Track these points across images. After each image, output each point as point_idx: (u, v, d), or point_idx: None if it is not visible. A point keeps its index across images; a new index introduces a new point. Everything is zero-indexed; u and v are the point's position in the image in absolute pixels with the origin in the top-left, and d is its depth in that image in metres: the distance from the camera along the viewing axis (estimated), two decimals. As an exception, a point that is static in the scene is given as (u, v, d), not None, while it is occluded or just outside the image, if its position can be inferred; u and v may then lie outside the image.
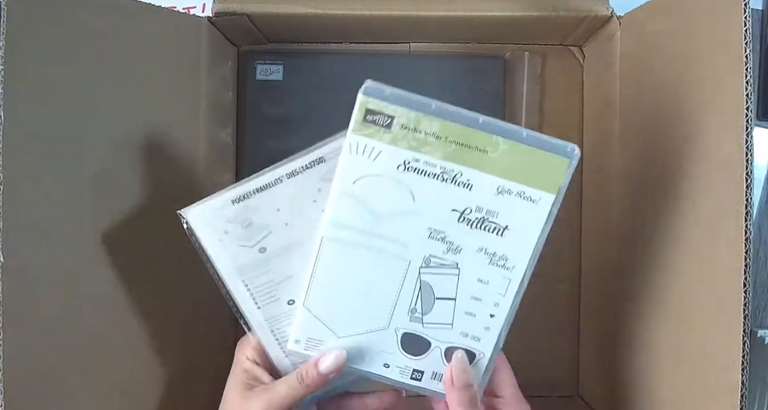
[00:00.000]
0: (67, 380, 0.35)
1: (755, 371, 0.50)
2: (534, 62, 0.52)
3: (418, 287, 0.35)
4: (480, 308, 0.35)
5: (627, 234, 0.44)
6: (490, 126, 0.32)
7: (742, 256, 0.29)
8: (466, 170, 0.33)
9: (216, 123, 0.48)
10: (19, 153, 0.31)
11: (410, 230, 0.34)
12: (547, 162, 0.33)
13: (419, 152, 0.32)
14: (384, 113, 0.32)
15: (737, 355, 0.29)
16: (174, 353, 0.44)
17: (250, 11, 0.44)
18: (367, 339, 0.35)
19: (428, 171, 0.33)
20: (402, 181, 0.33)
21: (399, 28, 0.48)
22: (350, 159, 0.33)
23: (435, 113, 0.32)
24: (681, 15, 0.36)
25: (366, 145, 0.33)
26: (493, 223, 0.33)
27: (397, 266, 0.34)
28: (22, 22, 0.31)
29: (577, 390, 0.54)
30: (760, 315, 0.55)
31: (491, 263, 0.34)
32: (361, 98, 0.32)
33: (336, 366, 0.34)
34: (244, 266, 0.36)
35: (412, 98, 0.32)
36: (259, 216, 0.36)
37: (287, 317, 0.36)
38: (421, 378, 0.36)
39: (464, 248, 0.34)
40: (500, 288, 0.34)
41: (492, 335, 0.35)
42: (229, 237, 0.35)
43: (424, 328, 0.35)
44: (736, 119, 0.29)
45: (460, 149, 0.32)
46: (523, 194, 0.33)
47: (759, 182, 0.55)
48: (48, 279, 0.34)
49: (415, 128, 0.32)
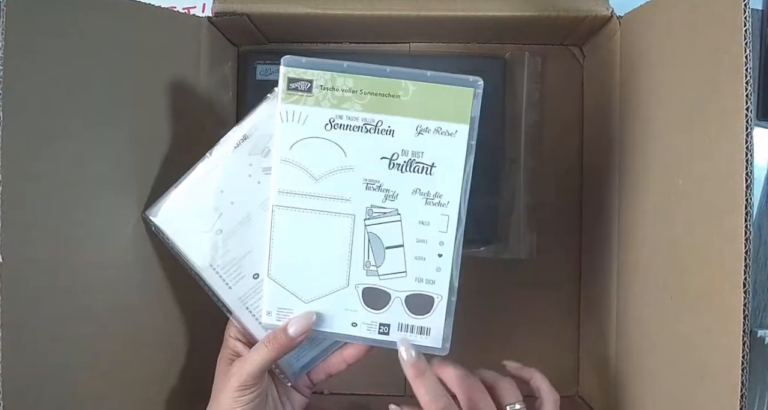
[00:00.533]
0: (68, 382, 0.35)
1: (755, 371, 0.50)
2: (534, 62, 0.52)
3: (367, 239, 0.36)
4: (427, 250, 0.36)
5: (626, 234, 0.44)
6: (397, 73, 0.35)
7: (742, 256, 0.29)
8: (385, 117, 0.35)
9: (216, 123, 0.48)
10: (18, 154, 0.31)
11: (348, 185, 0.36)
12: (454, 95, 0.35)
13: (340, 108, 0.35)
14: (303, 78, 0.35)
15: (737, 355, 0.29)
16: (178, 351, 0.44)
17: (250, 11, 0.44)
18: (332, 300, 0.37)
19: (352, 125, 0.35)
20: (331, 139, 0.35)
21: (399, 28, 0.48)
22: (283, 127, 0.35)
23: (347, 71, 0.35)
24: (681, 15, 0.36)
25: (294, 111, 0.35)
26: (421, 163, 0.35)
27: (343, 222, 0.36)
28: (22, 22, 0.31)
29: (577, 390, 0.54)
30: (760, 315, 0.55)
31: (427, 202, 0.36)
32: (282, 69, 0.35)
33: (303, 328, 0.36)
34: (209, 251, 0.38)
35: (326, 61, 0.35)
36: (208, 201, 0.38)
37: (256, 291, 0.39)
38: (389, 331, 0.37)
39: (400, 193, 0.36)
40: (442, 226, 0.36)
41: (444, 275, 0.36)
42: (190, 227, 0.38)
43: (380, 280, 0.36)
44: (736, 119, 0.29)
45: (376, 99, 0.35)
46: (440, 129, 0.35)
47: (759, 182, 0.55)
48: (48, 279, 0.34)
49: (333, 86, 0.35)
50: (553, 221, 0.53)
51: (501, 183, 0.51)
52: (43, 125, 0.33)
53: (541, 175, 0.52)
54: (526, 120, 0.52)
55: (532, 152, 0.52)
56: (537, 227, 0.52)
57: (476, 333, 0.53)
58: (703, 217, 0.33)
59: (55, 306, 0.34)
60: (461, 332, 0.41)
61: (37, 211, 0.33)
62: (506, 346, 0.53)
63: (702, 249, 0.34)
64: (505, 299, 0.53)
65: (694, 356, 0.34)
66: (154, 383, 0.42)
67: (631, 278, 0.43)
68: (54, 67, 0.34)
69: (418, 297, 0.37)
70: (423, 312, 0.37)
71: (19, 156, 0.31)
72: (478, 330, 0.53)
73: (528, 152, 0.52)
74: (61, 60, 0.34)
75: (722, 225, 0.31)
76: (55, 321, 0.34)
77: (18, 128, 0.31)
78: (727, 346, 0.30)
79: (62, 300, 0.34)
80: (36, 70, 0.33)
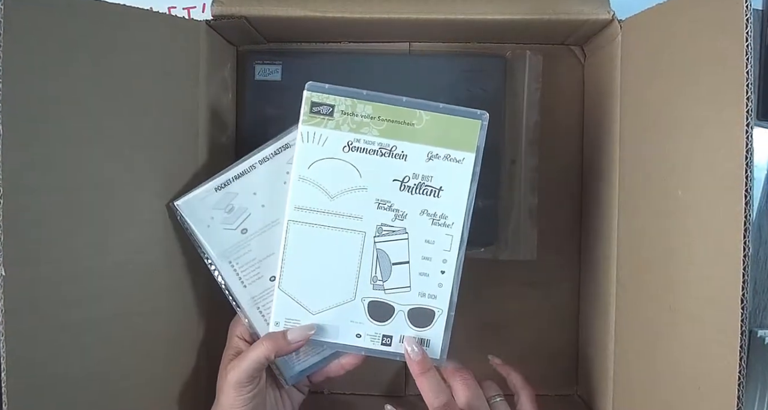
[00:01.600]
0: (72, 391, 0.35)
1: (755, 371, 0.50)
2: (535, 61, 0.52)
3: (376, 256, 0.38)
4: (431, 267, 0.39)
5: (626, 234, 0.44)
6: (413, 103, 0.38)
7: (741, 256, 0.29)
8: (400, 142, 0.38)
9: (216, 127, 0.48)
10: (18, 164, 0.31)
11: (361, 204, 0.38)
12: (463, 126, 0.38)
13: (359, 132, 0.38)
14: (326, 102, 0.38)
15: (736, 355, 0.29)
16: (185, 355, 0.44)
17: (248, 14, 0.44)
18: (338, 313, 0.39)
19: (368, 148, 0.38)
20: (348, 160, 0.38)
21: (398, 29, 0.48)
22: (303, 147, 0.38)
23: (367, 98, 0.38)
24: (682, 18, 0.36)
25: (315, 133, 0.38)
26: (429, 186, 0.38)
27: (354, 239, 0.38)
28: (20, 30, 0.31)
29: (576, 390, 0.54)
30: (760, 315, 0.55)
31: (434, 223, 0.38)
32: (306, 94, 0.38)
33: (301, 337, 0.38)
34: (230, 248, 0.40)
35: (347, 89, 0.38)
36: (239, 200, 0.40)
37: (270, 293, 0.40)
38: (391, 342, 0.39)
39: (409, 213, 0.38)
40: (446, 245, 0.39)
41: (446, 290, 0.39)
42: (215, 222, 0.40)
43: (386, 294, 0.39)
44: (736, 119, 0.29)
45: (392, 126, 0.38)
46: (449, 156, 0.38)
47: (759, 182, 0.55)
48: (50, 289, 0.34)
49: (353, 112, 0.38)
50: (553, 221, 0.53)
51: (501, 183, 0.51)
52: (43, 134, 0.33)
53: (541, 175, 0.52)
54: (527, 120, 0.52)
55: (532, 152, 0.52)
56: (537, 227, 0.52)
57: (476, 332, 0.53)
58: (702, 217, 0.33)
59: (58, 316, 0.34)
60: (461, 332, 0.41)
61: (38, 222, 0.33)
62: (505, 346, 0.53)
63: (702, 249, 0.34)
64: (505, 299, 0.53)
65: (694, 355, 0.34)
66: (158, 390, 0.42)
67: (630, 277, 0.43)
68: (53, 74, 0.34)
69: (420, 311, 0.39)
70: (424, 324, 0.39)
71: (19, 165, 0.31)
72: (478, 330, 0.53)
73: (528, 152, 0.52)
74: (60, 67, 0.34)
75: (722, 225, 0.31)
76: (58, 331, 0.34)
77: (17, 138, 0.31)
78: (727, 346, 0.30)
79: (65, 309, 0.34)
80: (35, 79, 0.33)
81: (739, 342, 0.29)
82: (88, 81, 0.36)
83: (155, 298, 0.41)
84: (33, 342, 0.32)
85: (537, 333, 0.53)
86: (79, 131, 0.35)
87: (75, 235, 0.35)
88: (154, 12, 0.41)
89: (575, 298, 0.54)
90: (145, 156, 0.40)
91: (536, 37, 0.50)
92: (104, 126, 0.37)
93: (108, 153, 0.37)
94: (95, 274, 0.36)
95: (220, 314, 0.44)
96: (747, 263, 0.29)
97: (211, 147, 0.47)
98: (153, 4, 0.45)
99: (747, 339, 0.29)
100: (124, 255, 0.38)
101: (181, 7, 0.54)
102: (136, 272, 0.39)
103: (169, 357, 0.43)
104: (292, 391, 0.43)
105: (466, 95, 0.51)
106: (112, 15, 0.37)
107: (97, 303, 0.36)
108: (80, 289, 0.35)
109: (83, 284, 0.36)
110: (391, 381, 0.53)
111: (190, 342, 0.45)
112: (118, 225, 0.38)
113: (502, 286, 0.53)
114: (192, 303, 0.45)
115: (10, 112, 0.31)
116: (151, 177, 0.41)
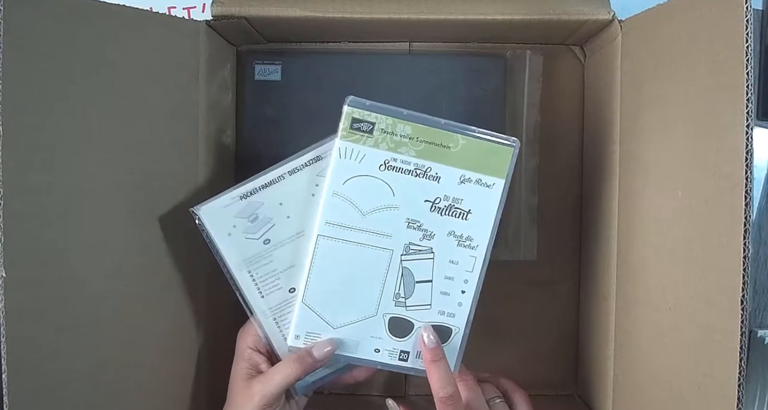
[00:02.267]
0: (72, 393, 0.35)
1: (755, 371, 0.50)
2: (535, 61, 0.52)
3: (401, 273, 0.39)
4: (453, 286, 0.39)
5: (626, 234, 0.44)
6: (450, 126, 0.38)
7: (741, 256, 0.29)
8: (435, 164, 0.38)
9: (216, 127, 0.48)
10: (18, 166, 0.31)
11: (392, 223, 0.38)
12: (496, 152, 0.39)
13: (396, 152, 0.38)
14: (367, 120, 0.38)
15: (736, 355, 0.29)
16: (185, 355, 0.44)
17: (248, 14, 0.44)
18: (359, 327, 0.39)
19: (404, 168, 0.38)
20: (383, 179, 0.38)
21: (399, 29, 0.48)
22: (339, 163, 0.38)
23: (407, 118, 0.38)
24: (683, 18, 0.36)
25: (353, 149, 0.38)
26: (459, 209, 0.39)
27: (382, 256, 0.39)
28: (20, 30, 0.31)
29: (576, 389, 0.54)
30: (760, 315, 0.55)
31: (459, 244, 0.39)
32: (347, 110, 0.37)
33: (329, 353, 0.38)
34: (251, 258, 0.39)
35: (387, 107, 0.38)
36: (264, 210, 0.39)
37: (289, 304, 0.40)
38: (408, 358, 0.39)
39: (437, 234, 0.39)
40: (468, 266, 0.39)
41: (464, 310, 0.40)
42: (237, 231, 0.39)
43: (407, 311, 0.39)
44: (736, 119, 0.29)
45: (429, 147, 0.38)
46: (480, 181, 0.39)
47: (759, 182, 0.55)
48: (49, 290, 0.34)
49: (392, 131, 0.38)
50: (553, 221, 0.53)
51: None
52: (43, 134, 0.33)
53: (541, 175, 0.52)
54: (527, 120, 0.52)
55: (532, 152, 0.52)
56: (537, 227, 0.52)
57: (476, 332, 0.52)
58: (702, 216, 0.33)
59: (58, 316, 0.34)
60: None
61: (38, 223, 0.33)
62: (505, 346, 0.53)
63: (702, 249, 0.34)
64: (505, 299, 0.53)
65: (693, 355, 0.34)
66: (158, 391, 0.42)
67: (630, 277, 0.43)
68: (53, 75, 0.34)
69: (438, 328, 0.39)
70: (441, 341, 0.39)
71: (19, 169, 0.31)
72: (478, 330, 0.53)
73: (528, 152, 0.52)
74: (60, 68, 0.34)
75: (722, 225, 0.31)
76: (58, 332, 0.34)
77: (17, 141, 0.31)
78: (727, 346, 0.30)
79: (65, 310, 0.34)
80: (35, 79, 0.33)
81: (739, 342, 0.29)
82: (88, 81, 0.36)
83: (154, 298, 0.41)
84: (33, 342, 0.32)
85: (537, 333, 0.53)
86: (79, 131, 0.35)
87: (75, 236, 0.35)
88: (153, 12, 0.41)
89: (575, 298, 0.54)
90: (145, 156, 0.40)
91: (536, 37, 0.51)
92: (104, 126, 0.37)
93: (108, 153, 0.37)
94: (95, 275, 0.36)
95: (220, 314, 0.44)
96: (747, 263, 0.29)
97: (211, 147, 0.47)
98: (153, 4, 0.45)
99: (747, 339, 0.29)
100: (123, 256, 0.38)
101: (181, 7, 0.54)
102: (136, 273, 0.39)
103: (169, 357, 0.43)
104: None
105: (466, 95, 0.51)
106: (111, 15, 0.37)
107: (97, 304, 0.36)
108: (80, 290, 0.35)
109: (83, 284, 0.36)
110: (392, 381, 0.53)
111: (190, 342, 0.45)
112: (118, 226, 0.38)
113: (502, 286, 0.53)
114: (192, 304, 0.45)
115: (10, 112, 0.31)
116: (151, 178, 0.41)
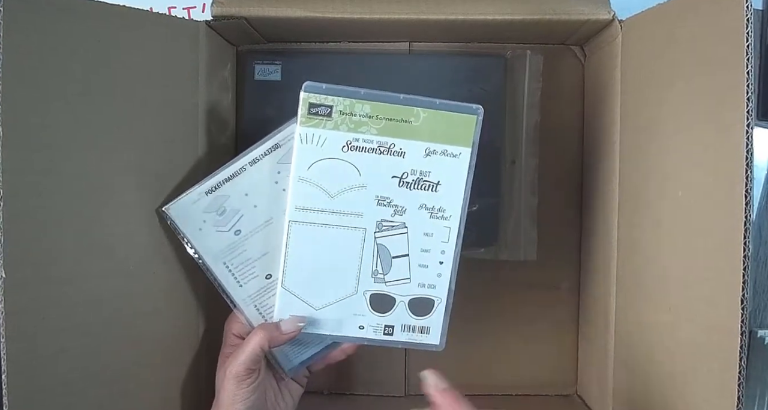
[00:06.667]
0: (73, 393, 0.35)
1: (755, 371, 0.50)
2: (535, 61, 0.52)
3: (376, 250, 0.39)
4: (430, 258, 0.40)
5: (626, 234, 0.44)
6: (410, 101, 0.38)
7: (741, 256, 0.29)
8: (398, 140, 0.38)
9: (215, 127, 0.48)
10: (18, 166, 0.31)
11: (361, 202, 0.39)
12: (459, 122, 0.38)
13: (357, 132, 0.38)
14: (324, 104, 0.37)
15: (736, 355, 0.29)
16: (185, 355, 0.44)
17: (248, 15, 0.44)
18: (341, 307, 0.40)
19: (367, 147, 0.38)
20: (347, 159, 0.38)
21: (399, 29, 0.48)
22: (302, 148, 0.38)
23: (365, 97, 0.38)
24: (683, 18, 0.36)
25: (313, 134, 0.38)
26: (427, 181, 0.39)
27: (355, 235, 0.39)
28: (20, 30, 0.31)
29: (576, 390, 0.54)
30: (760, 315, 0.55)
31: (432, 216, 0.39)
32: (302, 95, 0.37)
33: (293, 327, 0.39)
34: (224, 249, 0.40)
35: (344, 88, 0.37)
36: (231, 202, 0.40)
37: (267, 290, 0.41)
38: (393, 332, 0.40)
39: (408, 208, 0.39)
40: (443, 237, 0.40)
41: (444, 280, 0.40)
42: (207, 225, 0.40)
43: (387, 286, 0.40)
44: (736, 119, 0.29)
45: (390, 124, 0.38)
46: (446, 151, 0.39)
47: (759, 182, 0.55)
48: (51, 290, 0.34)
49: (351, 112, 0.38)
50: (553, 221, 0.53)
51: (501, 183, 0.51)
52: (43, 134, 0.33)
53: (541, 175, 0.52)
54: (527, 120, 0.52)
55: (532, 152, 0.52)
56: (537, 227, 0.52)
57: (476, 333, 0.53)
58: (703, 216, 0.33)
59: (58, 317, 0.34)
60: (461, 332, 0.41)
61: (38, 223, 0.33)
62: (505, 346, 0.53)
63: (702, 249, 0.34)
64: (505, 299, 0.53)
65: (693, 355, 0.34)
66: (158, 390, 0.42)
67: (630, 277, 0.43)
68: (53, 74, 0.34)
69: (420, 301, 0.40)
70: (424, 313, 0.40)
71: (19, 169, 0.31)
72: (478, 331, 0.53)
73: (528, 152, 0.52)
74: (60, 67, 0.34)
75: (722, 224, 0.31)
76: (59, 333, 0.34)
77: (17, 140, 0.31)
78: (727, 346, 0.30)
79: (64, 311, 0.34)
80: (35, 79, 0.33)
81: (739, 342, 0.29)
82: (88, 81, 0.36)
83: (155, 298, 0.41)
84: (33, 343, 0.32)
85: (537, 333, 0.53)
86: (79, 131, 0.35)
87: (75, 236, 0.35)
88: (153, 12, 0.41)
89: (575, 298, 0.54)
90: (144, 157, 0.40)
91: (536, 37, 0.51)
92: (104, 127, 0.37)
93: (108, 154, 0.37)
94: (95, 275, 0.36)
95: (219, 314, 0.44)
96: (747, 263, 0.29)
97: (211, 147, 0.47)
98: (153, 4, 0.45)
99: (747, 339, 0.29)
100: (123, 256, 0.38)
101: (181, 7, 0.54)
102: (136, 273, 0.39)
103: (169, 357, 0.43)
104: (291, 384, 0.44)
105: (466, 95, 0.51)
106: (111, 15, 0.37)
107: (97, 304, 0.36)
108: (80, 290, 0.35)
109: (83, 285, 0.35)
110: (392, 381, 0.53)
111: (189, 342, 0.45)
112: (118, 226, 0.38)
113: (501, 286, 0.53)
114: (192, 303, 0.45)
115: (10, 112, 0.31)
116: (151, 178, 0.41)
